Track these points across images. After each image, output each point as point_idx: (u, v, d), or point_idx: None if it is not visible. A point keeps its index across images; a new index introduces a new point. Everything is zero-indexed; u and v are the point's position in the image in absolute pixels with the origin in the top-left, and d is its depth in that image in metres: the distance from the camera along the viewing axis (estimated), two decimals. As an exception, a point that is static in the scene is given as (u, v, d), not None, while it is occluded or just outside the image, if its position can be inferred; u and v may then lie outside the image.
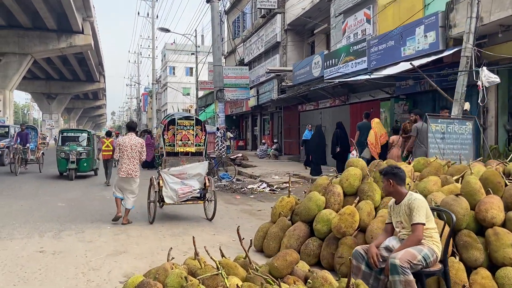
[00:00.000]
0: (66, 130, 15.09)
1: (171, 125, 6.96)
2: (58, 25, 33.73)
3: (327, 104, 16.39)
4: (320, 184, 5.21)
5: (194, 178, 7.04)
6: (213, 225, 6.83)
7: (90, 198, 9.66)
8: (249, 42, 23.40)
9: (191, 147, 7.04)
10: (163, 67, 57.49)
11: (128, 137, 6.93)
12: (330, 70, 14.36)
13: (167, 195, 6.82)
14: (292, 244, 4.72)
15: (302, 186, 11.25)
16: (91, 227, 6.50)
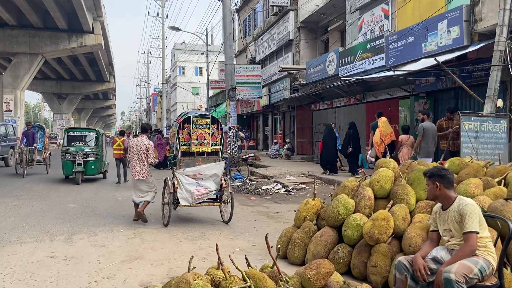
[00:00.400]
0: (72, 129, 13.53)
1: (187, 123, 6.65)
2: (69, 25, 33.76)
3: (342, 103, 15.99)
4: (347, 186, 4.86)
5: (210, 179, 6.74)
6: (230, 229, 6.51)
7: (102, 199, 9.41)
8: (260, 41, 23.06)
9: (207, 146, 6.73)
10: (173, 67, 57.44)
11: (137, 139, 6.99)
12: (346, 68, 13.96)
13: (182, 196, 6.53)
14: (319, 251, 4.38)
15: (319, 187, 10.88)
16: (103, 230, 6.22)
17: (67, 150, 12.05)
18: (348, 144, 11.83)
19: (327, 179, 11.29)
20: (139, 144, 6.82)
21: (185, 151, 6.69)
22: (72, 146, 12.26)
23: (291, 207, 8.67)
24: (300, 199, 9.62)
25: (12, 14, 30.50)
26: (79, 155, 11.85)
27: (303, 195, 10.16)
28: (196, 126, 6.67)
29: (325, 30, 18.26)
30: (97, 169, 12.47)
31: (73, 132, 13.13)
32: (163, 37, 40.16)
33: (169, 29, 23.71)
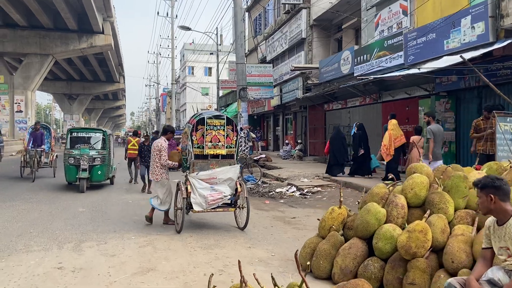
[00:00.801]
0: (76, 130, 12.00)
1: (200, 125, 6.32)
2: (79, 26, 33.77)
3: (357, 102, 15.55)
4: (376, 193, 4.47)
5: (224, 183, 6.40)
6: (247, 236, 6.16)
7: (112, 202, 9.14)
8: (271, 40, 22.69)
9: (221, 149, 6.39)
10: (182, 67, 57.36)
11: (155, 140, 7.05)
12: (362, 67, 13.52)
13: (195, 201, 6.20)
14: (347, 265, 4.01)
15: (335, 190, 10.49)
16: (114, 237, 5.92)
17: (70, 154, 10.73)
18: (359, 146, 11.68)
19: (343, 181, 10.89)
20: (154, 145, 6.81)
21: (199, 153, 6.36)
22: (76, 149, 10.97)
23: (308, 212, 8.31)
24: (316, 203, 9.26)
25: (23, 15, 30.57)
26: (84, 159, 10.56)
27: (319, 199, 9.79)
28: (210, 127, 6.34)
29: (338, 28, 17.84)
30: (104, 175, 11.14)
31: (77, 133, 11.67)
32: (172, 37, 40.03)
33: (179, 28, 23.46)
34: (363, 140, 11.77)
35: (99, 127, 14.33)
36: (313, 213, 8.18)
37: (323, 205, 9.06)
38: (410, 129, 12.71)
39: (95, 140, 11.44)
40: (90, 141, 11.42)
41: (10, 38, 32.46)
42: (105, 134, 11.62)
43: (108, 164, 11.34)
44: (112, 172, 12.23)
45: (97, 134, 11.65)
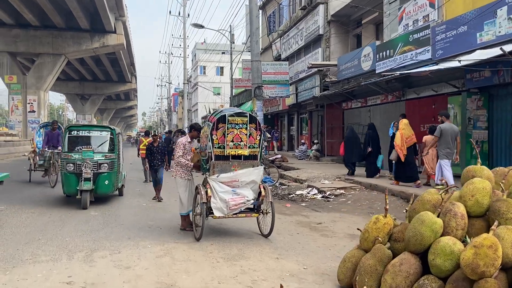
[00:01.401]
0: (77, 127, 9.34)
1: (221, 123, 5.80)
2: (91, 25, 33.65)
3: (378, 100, 14.90)
4: (428, 200, 3.89)
5: (247, 186, 5.88)
6: (273, 244, 5.63)
7: (125, 205, 8.69)
8: (286, 37, 22.12)
9: (243, 149, 5.86)
10: (194, 67, 57.11)
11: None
12: (384, 63, 12.90)
13: (216, 206, 5.68)
14: (399, 284, 3.45)
15: (359, 193, 9.90)
16: (128, 245, 5.43)
17: (69, 158, 8.32)
18: (367, 145, 11.59)
19: (368, 183, 10.28)
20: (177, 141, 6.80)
21: (219, 154, 5.84)
22: (76, 152, 8.52)
23: (334, 217, 7.75)
24: (341, 207, 8.68)
25: (36, 15, 30.52)
26: (87, 165, 8.18)
27: (343, 202, 9.20)
28: (232, 126, 5.81)
29: (357, 23, 17.20)
30: (113, 185, 8.73)
31: (77, 131, 9.05)
32: (184, 36, 39.69)
33: (192, 26, 23.04)
34: (373, 139, 11.60)
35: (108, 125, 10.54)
36: (339, 218, 7.62)
37: (349, 209, 8.49)
38: (436, 128, 12.05)
39: (101, 141, 9.02)
40: (95, 142, 8.99)
41: (23, 38, 32.48)
42: (114, 132, 9.12)
43: (117, 171, 9.01)
44: (122, 181, 9.88)
45: (103, 133, 9.15)
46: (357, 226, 7.11)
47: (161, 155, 9.69)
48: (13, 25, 32.04)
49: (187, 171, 6.35)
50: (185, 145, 6.38)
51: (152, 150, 9.76)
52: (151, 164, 9.71)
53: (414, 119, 12.99)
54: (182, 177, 6.35)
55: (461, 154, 10.35)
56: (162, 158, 9.72)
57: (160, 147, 9.83)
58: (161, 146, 9.93)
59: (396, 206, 8.30)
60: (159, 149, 9.76)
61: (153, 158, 9.68)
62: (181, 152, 6.29)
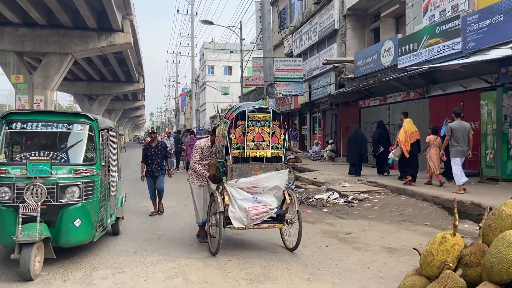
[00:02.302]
0: (22, 116, 5.10)
1: (240, 120, 5.04)
2: (98, 24, 33.13)
3: (398, 98, 14.04)
4: (509, 215, 3.09)
5: (270, 192, 5.12)
6: (301, 261, 4.86)
7: (131, 211, 7.96)
8: (298, 33, 21.31)
9: (266, 150, 5.09)
10: (202, 67, 56.54)
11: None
12: (407, 57, 12.04)
13: (235, 216, 4.93)
14: (480, 325, 2.66)
15: (385, 197, 9.08)
16: (133, 261, 4.70)
17: (3, 177, 4.51)
18: (379, 144, 11.45)
19: (395, 187, 9.45)
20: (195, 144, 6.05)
21: (238, 156, 5.08)
22: (18, 164, 4.62)
23: (362, 225, 6.95)
24: (368, 213, 7.88)
25: (42, 14, 30.06)
26: (35, 191, 4.40)
27: (369, 208, 8.39)
28: (253, 123, 5.04)
29: (375, 17, 16.33)
30: (92, 226, 4.78)
31: (24, 123, 4.90)
32: (192, 35, 39.10)
33: (201, 23, 22.37)
34: (383, 138, 11.48)
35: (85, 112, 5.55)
36: (368, 227, 6.82)
37: (377, 216, 7.68)
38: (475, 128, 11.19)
39: (70, 142, 5.01)
40: (56, 145, 4.96)
41: (29, 37, 32.05)
42: (94, 126, 5.02)
43: (102, 199, 5.02)
44: (117, 211, 5.96)
45: (74, 128, 4.96)
46: (391, 236, 6.37)
47: (161, 159, 7.71)
48: (20, 24, 31.64)
49: (202, 177, 5.61)
50: (203, 149, 5.65)
51: (150, 153, 7.66)
52: (148, 169, 7.65)
53: (440, 118, 12.14)
54: (195, 182, 5.62)
55: (497, 155, 9.52)
56: (162, 163, 7.76)
57: (160, 148, 7.75)
58: (161, 147, 7.79)
59: (431, 213, 7.49)
60: (159, 151, 7.70)
61: (150, 162, 7.64)
62: (198, 157, 5.54)
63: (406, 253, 5.22)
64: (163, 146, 7.90)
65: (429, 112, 12.58)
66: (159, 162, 7.69)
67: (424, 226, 6.84)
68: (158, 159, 7.67)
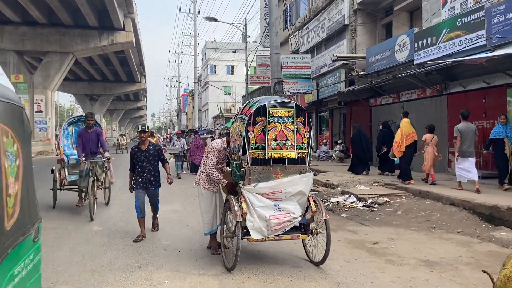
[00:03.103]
0: None
1: (260, 116, 4.41)
2: (99, 22, 32.59)
3: (413, 95, 13.39)
4: None
5: (293, 199, 4.49)
6: (329, 277, 4.23)
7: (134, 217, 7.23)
8: (305, 30, 20.69)
9: (290, 150, 4.45)
10: (204, 66, 55.93)
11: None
12: (425, 52, 11.41)
13: (254, 226, 4.30)
14: None
15: (407, 200, 8.44)
16: (138, 279, 4.08)
17: None
18: (382, 144, 11.55)
19: (417, 190, 8.80)
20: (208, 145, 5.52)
21: (257, 157, 4.45)
22: None
23: (388, 233, 6.32)
24: (391, 219, 7.24)
25: (43, 12, 29.54)
26: None
27: (391, 212, 7.76)
28: (274, 120, 4.41)
29: (387, 11, 15.69)
30: None
31: None
32: (195, 34, 38.53)
33: (204, 20, 21.77)
34: (387, 138, 11.36)
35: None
36: (396, 235, 6.18)
37: (402, 222, 7.05)
38: (488, 125, 10.56)
39: None
40: None
41: (30, 36, 31.53)
42: None
43: None
44: None
45: None
46: (424, 246, 5.71)
47: (154, 166, 5.88)
48: (20, 23, 31.11)
49: (215, 182, 4.99)
50: (220, 151, 4.98)
51: (139, 158, 5.81)
52: (138, 180, 5.82)
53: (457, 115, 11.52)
54: (207, 187, 4.99)
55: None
56: (157, 172, 5.93)
57: (153, 153, 5.86)
58: (153, 151, 5.88)
59: (461, 219, 6.85)
60: (151, 156, 5.84)
61: (141, 170, 5.79)
62: (215, 161, 4.90)
63: (448, 267, 4.59)
64: (156, 150, 5.90)
65: (446, 110, 11.94)
66: (152, 170, 5.82)
67: (457, 234, 6.20)
68: (151, 167, 5.80)
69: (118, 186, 10.86)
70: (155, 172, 5.87)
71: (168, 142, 39.47)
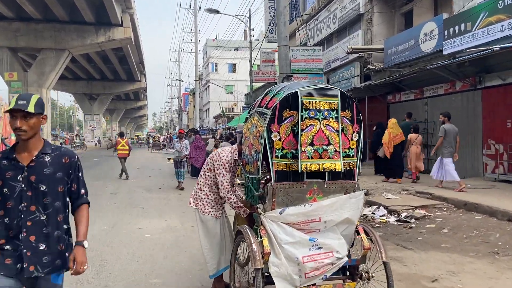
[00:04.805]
0: None
1: (288, 109, 2.99)
2: (96, 18, 31.26)
3: (440, 90, 11.97)
4: None
5: (335, 230, 3.09)
6: None
7: (121, 234, 5.97)
8: (314, 22, 19.27)
9: (335, 159, 3.02)
10: (205, 64, 54.57)
11: None
12: (457, 40, 9.99)
13: (280, 272, 2.91)
14: None
15: (450, 214, 7.03)
16: None
17: None
18: (377, 144, 11.24)
19: (461, 201, 7.37)
20: (215, 157, 3.63)
21: (284, 169, 3.02)
22: None
23: (442, 261, 4.92)
24: (437, 240, 5.84)
25: (37, 7, 28.20)
26: None
27: (435, 230, 6.34)
28: (310, 114, 2.98)
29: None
30: None
31: None
32: (196, 30, 37.18)
33: (206, 12, 20.37)
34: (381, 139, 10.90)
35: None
36: (453, 265, 4.78)
37: (452, 244, 5.64)
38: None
39: None
40: None
41: (24, 32, 30.20)
42: None
43: None
44: None
45: None
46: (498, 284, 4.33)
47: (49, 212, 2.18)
48: (14, 19, 29.80)
49: (219, 204, 3.60)
50: (231, 165, 3.60)
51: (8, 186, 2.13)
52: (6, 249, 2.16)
53: (496, 113, 10.13)
54: (207, 211, 3.61)
55: None
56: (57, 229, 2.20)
57: (49, 174, 2.19)
58: (52, 170, 2.20)
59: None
60: (42, 184, 2.16)
61: (9, 222, 2.12)
62: (229, 178, 3.51)
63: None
64: (62, 167, 2.26)
65: (481, 106, 10.54)
66: (40, 225, 2.17)
67: (533, 263, 4.79)
68: (39, 214, 2.17)
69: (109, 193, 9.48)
70: (51, 231, 2.21)
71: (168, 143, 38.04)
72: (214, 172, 3.62)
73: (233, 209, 3.50)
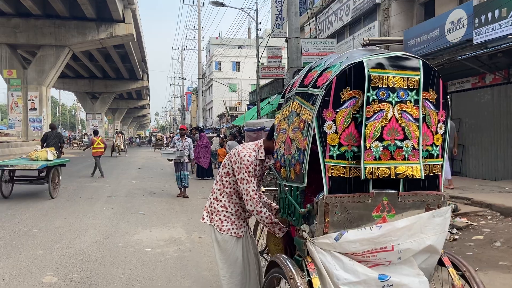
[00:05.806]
0: None
1: (348, 88, 2.06)
2: (97, 14, 30.45)
3: (467, 85, 11.02)
4: None
5: (413, 262, 2.15)
6: None
7: (117, 249, 5.06)
8: (324, 15, 18.34)
9: (412, 159, 2.10)
10: (208, 62, 53.68)
11: None
12: (491, 28, 9.05)
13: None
14: None
15: (497, 224, 6.08)
16: None
17: None
18: None
19: (509, 208, 6.42)
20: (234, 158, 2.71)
21: (341, 175, 2.09)
22: None
23: (505, 284, 3.98)
24: (491, 256, 4.91)
25: (36, 2, 27.39)
26: None
27: (484, 243, 5.41)
28: (379, 95, 2.05)
29: (427, -13, 13.31)
30: None
31: None
32: (199, 26, 36.30)
33: (211, 5, 19.48)
34: None
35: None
36: None
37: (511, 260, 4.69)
38: None
39: None
40: None
41: (23, 28, 29.42)
42: None
43: None
44: None
45: None
46: None
47: None
48: (13, 14, 29.03)
49: (241, 219, 2.70)
50: (256, 166, 2.66)
51: None
52: None
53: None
54: (225, 228, 2.70)
55: None
56: None
57: None
58: None
59: None
60: None
61: None
62: (255, 184, 2.60)
63: None
64: None
65: (514, 101, 9.56)
66: None
67: None
68: None
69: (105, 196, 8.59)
70: None
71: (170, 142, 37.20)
72: (233, 177, 2.70)
73: (265, 226, 2.58)
